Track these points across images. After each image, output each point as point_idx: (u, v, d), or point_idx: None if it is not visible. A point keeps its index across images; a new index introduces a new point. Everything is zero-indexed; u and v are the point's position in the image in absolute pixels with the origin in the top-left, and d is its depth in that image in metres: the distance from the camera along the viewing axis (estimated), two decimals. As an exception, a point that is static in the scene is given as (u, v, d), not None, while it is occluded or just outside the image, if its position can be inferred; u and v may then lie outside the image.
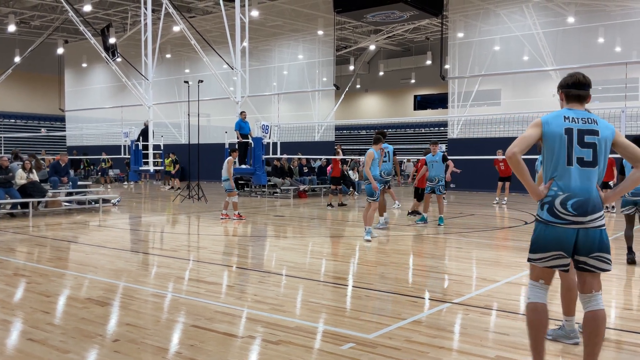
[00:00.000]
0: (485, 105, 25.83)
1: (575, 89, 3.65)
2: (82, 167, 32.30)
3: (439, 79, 23.44)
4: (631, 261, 7.66)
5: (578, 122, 3.52)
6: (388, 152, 12.00)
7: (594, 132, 3.51)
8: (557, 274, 3.91)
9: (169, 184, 26.05)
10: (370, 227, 9.90)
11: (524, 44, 23.49)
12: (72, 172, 18.18)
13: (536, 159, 4.66)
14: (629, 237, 7.81)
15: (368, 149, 10.42)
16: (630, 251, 7.78)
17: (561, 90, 3.72)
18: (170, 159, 25.80)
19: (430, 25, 31.42)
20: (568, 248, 3.48)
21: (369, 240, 9.65)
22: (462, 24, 25.63)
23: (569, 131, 3.49)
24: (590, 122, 3.54)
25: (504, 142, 15.01)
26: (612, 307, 5.48)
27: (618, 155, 3.70)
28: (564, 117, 3.55)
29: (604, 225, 3.51)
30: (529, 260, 3.64)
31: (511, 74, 23.48)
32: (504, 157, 14.46)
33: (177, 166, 26.51)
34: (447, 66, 25.68)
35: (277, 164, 20.82)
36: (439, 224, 11.92)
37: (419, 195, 13.62)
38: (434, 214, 12.96)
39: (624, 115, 14.08)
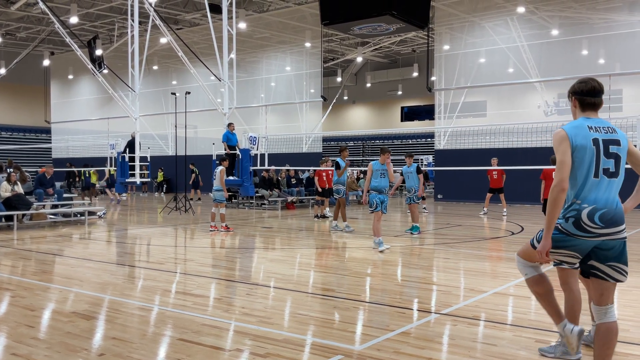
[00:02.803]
0: (471, 116, 26.02)
1: (591, 97, 3.54)
2: (70, 179, 31.98)
3: (426, 90, 23.54)
4: None
5: (601, 132, 3.43)
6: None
7: (617, 142, 3.44)
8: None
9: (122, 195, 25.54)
10: (380, 237, 9.89)
11: (509, 56, 23.74)
12: (60, 183, 18.04)
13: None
14: None
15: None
16: None
17: (575, 97, 3.58)
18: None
19: (416, 37, 31.67)
20: (584, 254, 3.48)
21: (381, 251, 9.64)
22: (448, 37, 25.87)
23: (596, 142, 3.39)
24: (611, 131, 3.46)
25: (490, 153, 15.14)
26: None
27: None
28: (588, 127, 3.43)
29: (626, 237, 3.44)
30: (536, 247, 3.54)
31: (496, 85, 23.71)
32: (496, 168, 14.53)
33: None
34: (433, 78, 25.87)
35: (265, 175, 20.79)
36: (411, 232, 12.09)
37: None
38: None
39: (608, 126, 14.26)
